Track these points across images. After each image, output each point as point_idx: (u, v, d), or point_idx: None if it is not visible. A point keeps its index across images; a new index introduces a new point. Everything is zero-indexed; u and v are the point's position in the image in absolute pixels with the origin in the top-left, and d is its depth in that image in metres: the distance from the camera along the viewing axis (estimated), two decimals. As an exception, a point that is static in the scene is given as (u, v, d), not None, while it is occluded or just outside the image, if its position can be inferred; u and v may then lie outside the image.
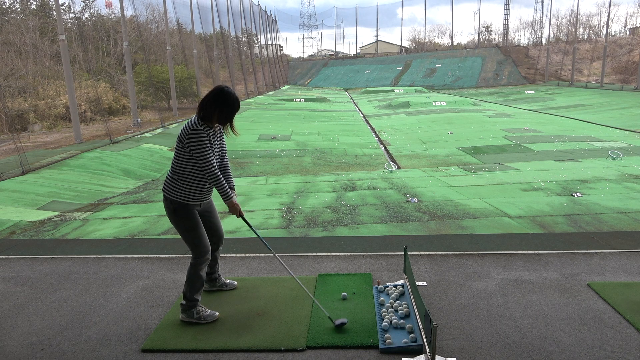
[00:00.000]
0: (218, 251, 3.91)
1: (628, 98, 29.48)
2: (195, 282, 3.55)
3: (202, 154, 3.35)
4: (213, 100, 3.37)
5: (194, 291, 3.55)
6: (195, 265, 3.54)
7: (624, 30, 68.60)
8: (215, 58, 35.41)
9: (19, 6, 36.70)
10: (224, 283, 4.10)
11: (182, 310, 3.57)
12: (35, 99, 22.49)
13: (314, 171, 11.88)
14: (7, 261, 5.11)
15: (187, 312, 3.56)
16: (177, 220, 3.51)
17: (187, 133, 3.34)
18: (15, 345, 3.34)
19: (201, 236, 3.54)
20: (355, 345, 3.21)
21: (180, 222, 3.51)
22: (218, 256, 3.96)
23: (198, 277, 3.56)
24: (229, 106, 3.40)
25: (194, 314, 3.55)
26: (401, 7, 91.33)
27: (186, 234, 3.53)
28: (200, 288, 3.59)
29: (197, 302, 3.57)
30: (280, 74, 59.58)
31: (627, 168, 10.18)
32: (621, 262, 4.56)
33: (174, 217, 3.52)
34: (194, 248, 3.54)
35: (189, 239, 3.54)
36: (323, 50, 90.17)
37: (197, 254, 3.54)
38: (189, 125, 3.36)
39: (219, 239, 3.84)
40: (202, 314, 3.56)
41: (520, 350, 3.12)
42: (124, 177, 11.75)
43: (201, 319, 3.54)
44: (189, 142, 3.33)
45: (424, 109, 26.71)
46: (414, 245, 5.25)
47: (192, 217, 3.52)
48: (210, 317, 3.56)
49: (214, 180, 3.43)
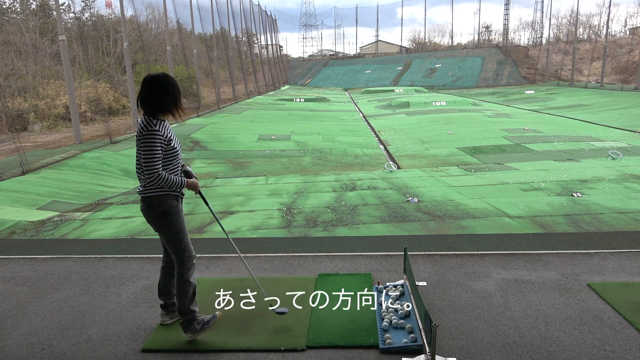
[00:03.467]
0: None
1: (628, 98, 29.47)
2: (188, 290, 3.31)
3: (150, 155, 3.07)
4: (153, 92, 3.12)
5: (188, 302, 3.31)
6: (183, 273, 3.30)
7: (624, 30, 68.60)
8: (215, 58, 35.41)
9: (19, 6, 36.71)
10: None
11: (184, 329, 3.33)
12: (35, 99, 22.49)
13: (314, 171, 11.87)
14: (7, 261, 5.11)
15: (188, 328, 3.32)
16: (167, 224, 3.23)
17: (142, 134, 3.09)
18: (15, 345, 3.34)
19: (188, 238, 3.33)
20: (355, 345, 3.21)
21: (171, 225, 3.23)
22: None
23: (189, 284, 3.32)
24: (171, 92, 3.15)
25: (196, 327, 3.32)
26: (401, 7, 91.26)
27: (176, 237, 3.26)
28: (194, 296, 3.35)
29: (194, 313, 3.34)
30: (280, 74, 59.57)
31: (627, 168, 10.18)
32: (621, 262, 4.56)
33: (163, 221, 3.22)
34: (182, 252, 3.29)
35: (177, 242, 3.27)
36: (323, 50, 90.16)
37: (186, 258, 3.30)
38: (142, 126, 3.11)
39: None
40: (203, 321, 3.35)
41: (520, 350, 3.11)
42: (124, 177, 11.75)
43: (205, 327, 3.34)
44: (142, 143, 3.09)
45: (424, 109, 26.70)
46: (414, 245, 5.25)
47: (182, 217, 3.29)
48: (213, 320, 3.40)
49: (161, 181, 3.11)
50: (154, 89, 3.14)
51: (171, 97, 3.18)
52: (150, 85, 3.14)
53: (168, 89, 3.16)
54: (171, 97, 3.18)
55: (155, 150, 3.09)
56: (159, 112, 3.18)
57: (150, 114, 3.15)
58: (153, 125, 3.11)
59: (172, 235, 3.27)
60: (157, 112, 3.17)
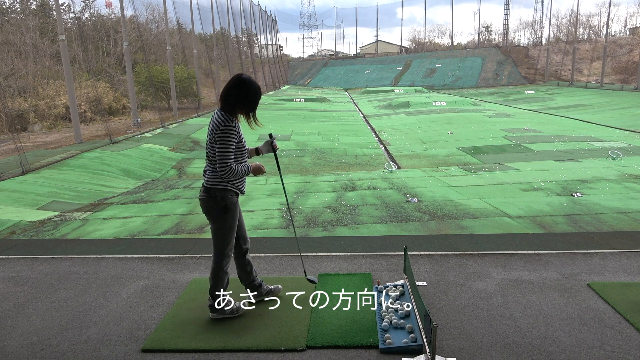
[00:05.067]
0: (248, 254, 3.77)
1: (628, 98, 29.48)
2: (223, 279, 3.54)
3: (225, 149, 3.25)
4: (237, 92, 3.29)
5: (220, 286, 3.52)
6: (223, 265, 3.51)
7: (624, 30, 68.62)
8: (215, 58, 35.41)
9: (19, 6, 36.71)
10: (270, 290, 3.88)
11: (212, 310, 3.55)
12: (35, 99, 22.49)
13: (314, 171, 11.88)
14: (7, 261, 5.11)
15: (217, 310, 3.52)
16: (225, 218, 3.40)
17: (219, 128, 3.25)
18: (15, 345, 3.34)
19: (234, 233, 3.54)
20: (355, 345, 3.21)
21: (227, 220, 3.42)
22: (250, 259, 3.79)
23: (225, 274, 3.54)
24: (252, 97, 3.33)
25: (225, 310, 3.53)
26: (401, 7, 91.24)
27: (226, 231, 3.45)
28: (227, 285, 3.58)
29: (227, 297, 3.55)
30: (280, 74, 59.57)
31: (627, 168, 10.18)
32: (621, 262, 4.56)
33: (223, 215, 3.39)
34: (225, 246, 3.48)
35: (226, 236, 3.46)
36: (323, 50, 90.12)
37: (227, 252, 3.50)
38: (220, 121, 3.26)
39: (245, 240, 3.72)
40: (233, 307, 3.56)
41: (520, 350, 3.11)
42: (124, 177, 11.75)
43: (234, 312, 3.55)
44: (218, 136, 3.24)
45: (424, 109, 26.70)
46: (414, 245, 5.25)
47: (238, 214, 3.50)
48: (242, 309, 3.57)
49: (233, 174, 3.28)
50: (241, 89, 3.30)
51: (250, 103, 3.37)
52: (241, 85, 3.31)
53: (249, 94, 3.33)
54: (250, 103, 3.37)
55: (230, 142, 3.26)
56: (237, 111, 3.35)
57: (229, 111, 3.31)
58: (230, 122, 3.27)
59: (225, 228, 3.44)
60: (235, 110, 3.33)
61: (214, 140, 3.29)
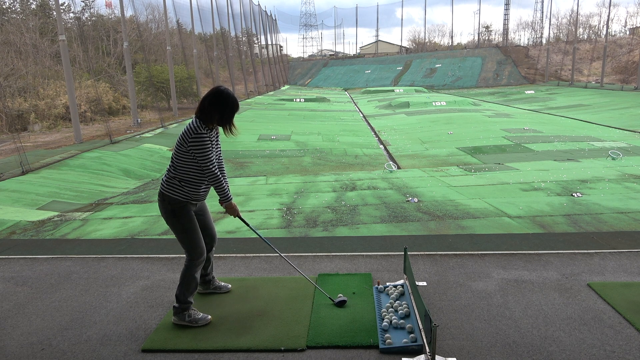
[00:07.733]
0: (211, 252, 3.90)
1: (628, 98, 29.47)
2: (190, 283, 3.54)
3: (204, 156, 3.36)
4: (212, 103, 3.38)
5: (188, 293, 3.53)
6: (190, 267, 3.53)
7: (624, 30, 68.58)
8: (215, 58, 35.42)
9: (19, 6, 36.72)
10: (218, 286, 4.06)
11: (175, 313, 3.55)
12: (35, 99, 22.49)
13: (314, 171, 11.88)
14: (7, 261, 5.11)
15: (179, 314, 3.53)
16: (175, 222, 3.49)
17: (190, 136, 3.34)
18: (15, 345, 3.34)
19: (198, 237, 3.55)
20: (355, 345, 3.21)
21: (178, 223, 3.49)
22: (212, 257, 3.94)
23: (193, 279, 3.55)
24: (229, 108, 3.42)
25: (185, 317, 3.52)
26: (401, 7, 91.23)
27: (184, 235, 3.51)
28: (194, 290, 3.58)
29: (189, 305, 3.55)
30: (280, 74, 59.56)
31: (627, 168, 10.18)
32: (621, 262, 4.56)
33: (172, 218, 3.49)
34: (190, 249, 3.53)
35: (186, 240, 3.52)
36: (323, 51, 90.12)
37: (194, 255, 3.53)
38: (191, 129, 3.35)
39: (212, 239, 3.83)
40: (194, 317, 3.52)
41: (520, 350, 3.11)
42: (124, 177, 11.76)
43: (193, 322, 3.51)
44: (191, 145, 3.34)
45: (424, 109, 26.70)
46: (414, 245, 5.25)
47: (191, 217, 3.51)
48: (203, 321, 3.52)
49: (215, 182, 3.44)
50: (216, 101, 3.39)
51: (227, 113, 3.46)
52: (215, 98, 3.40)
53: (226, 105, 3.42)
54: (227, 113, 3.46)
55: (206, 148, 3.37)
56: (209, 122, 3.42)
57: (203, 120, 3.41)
58: (201, 129, 3.37)
59: (180, 232, 3.52)
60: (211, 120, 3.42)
61: (183, 149, 3.39)
